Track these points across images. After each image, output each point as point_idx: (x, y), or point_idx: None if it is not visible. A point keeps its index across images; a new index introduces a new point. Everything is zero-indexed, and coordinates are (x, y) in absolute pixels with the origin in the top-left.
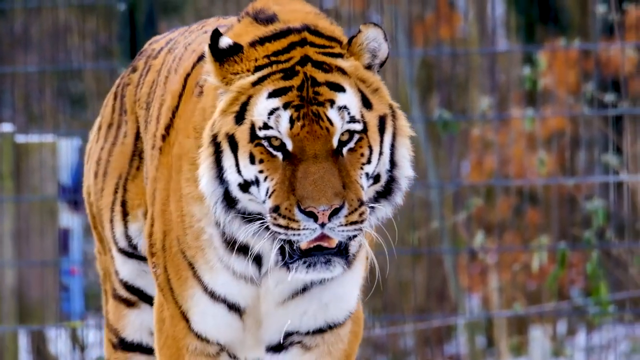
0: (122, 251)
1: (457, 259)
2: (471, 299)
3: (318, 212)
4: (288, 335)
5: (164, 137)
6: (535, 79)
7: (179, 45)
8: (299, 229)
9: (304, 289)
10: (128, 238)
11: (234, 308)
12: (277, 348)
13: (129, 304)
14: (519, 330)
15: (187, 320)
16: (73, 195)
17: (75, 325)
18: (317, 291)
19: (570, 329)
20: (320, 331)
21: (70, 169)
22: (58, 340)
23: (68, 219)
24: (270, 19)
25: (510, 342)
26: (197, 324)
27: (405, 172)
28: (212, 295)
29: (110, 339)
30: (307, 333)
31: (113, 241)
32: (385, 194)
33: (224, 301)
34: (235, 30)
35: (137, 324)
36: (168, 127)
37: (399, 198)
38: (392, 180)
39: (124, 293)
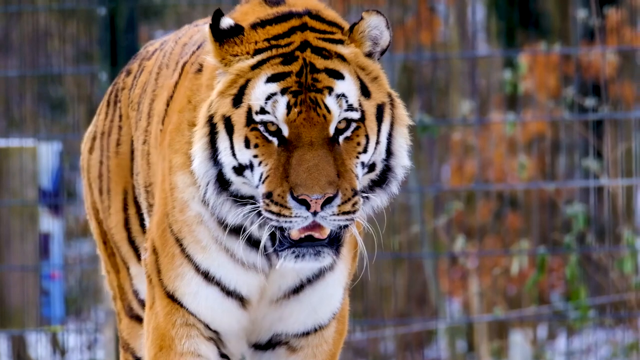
0: None
1: (438, 263)
2: (452, 304)
3: (311, 200)
4: (275, 334)
5: (160, 131)
6: (515, 83)
7: (169, 42)
8: (290, 216)
9: (298, 290)
10: None
11: (233, 295)
12: (263, 346)
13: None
14: (499, 334)
15: (176, 300)
16: (53, 200)
17: (55, 330)
18: (308, 293)
19: (550, 333)
20: (306, 334)
21: (51, 174)
22: (38, 345)
23: (48, 223)
24: (278, 2)
25: (491, 346)
26: (190, 305)
27: (402, 162)
28: (206, 277)
29: (127, 358)
30: (295, 335)
31: (136, 260)
32: (380, 183)
33: (218, 284)
34: (243, 9)
35: None
36: (163, 119)
37: (394, 187)
38: (387, 169)
39: (141, 313)
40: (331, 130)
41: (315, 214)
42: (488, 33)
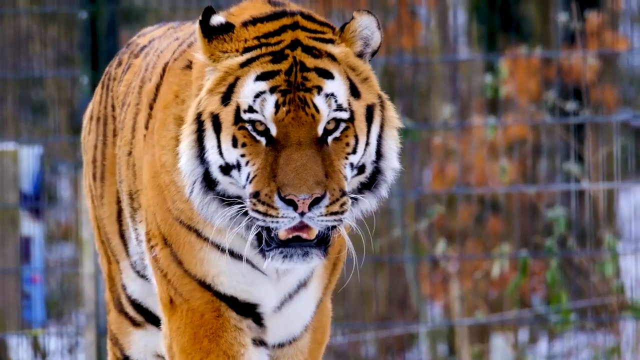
0: (133, 266)
1: (419, 267)
2: (433, 307)
3: (298, 201)
4: None
5: (144, 137)
6: (496, 87)
7: (152, 50)
8: (277, 217)
9: (282, 304)
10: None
11: (256, 267)
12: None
13: (135, 323)
14: (480, 338)
15: (209, 286)
16: (34, 203)
17: (36, 333)
18: (286, 307)
19: (531, 337)
20: (281, 345)
21: (32, 177)
22: (19, 348)
23: (29, 227)
24: (280, 3)
25: (472, 350)
26: (224, 286)
27: (392, 164)
28: (232, 253)
29: (115, 353)
30: (272, 346)
31: (125, 254)
32: (369, 185)
33: (240, 257)
34: (243, 4)
35: (142, 345)
36: (147, 122)
37: (384, 190)
38: (377, 172)
39: (130, 311)
40: (320, 130)
41: (302, 214)
42: (469, 37)
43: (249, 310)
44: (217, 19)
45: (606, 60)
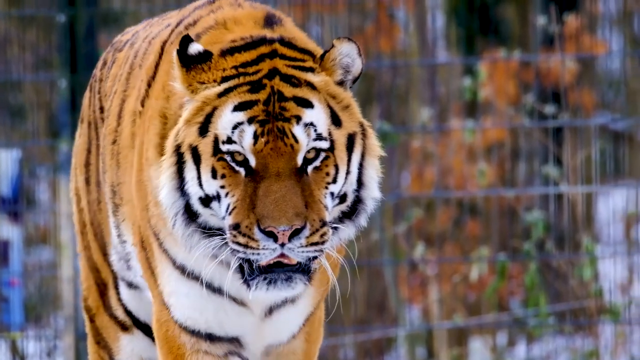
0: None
1: (397, 270)
2: (411, 311)
3: (278, 232)
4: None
5: (140, 113)
6: (475, 90)
7: (139, 39)
8: (258, 248)
9: (271, 311)
10: None
11: (219, 291)
12: None
13: (124, 327)
14: (459, 341)
15: (167, 306)
16: (13, 207)
17: (15, 337)
18: (274, 318)
19: (510, 340)
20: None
21: (10, 180)
22: None
23: (8, 230)
24: (273, 24)
25: (451, 353)
26: (176, 309)
27: (372, 193)
28: (183, 271)
29: (102, 356)
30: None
31: None
32: (350, 214)
33: (198, 279)
34: (237, 14)
35: (129, 350)
36: (143, 100)
37: (363, 220)
38: (358, 201)
39: (120, 314)
40: (299, 160)
41: (283, 245)
42: (448, 40)
43: (208, 337)
44: (195, 48)
45: (585, 63)
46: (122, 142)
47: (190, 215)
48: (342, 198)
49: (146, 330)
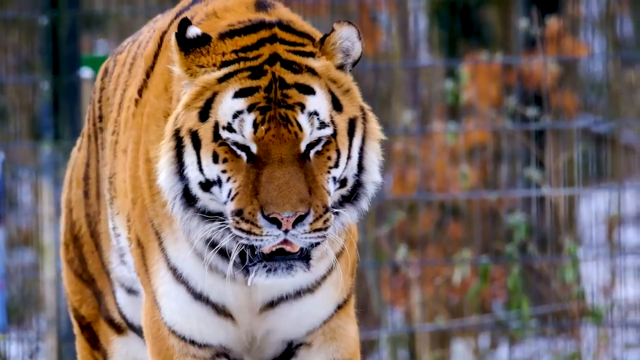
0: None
1: (380, 272)
2: (393, 313)
3: (282, 219)
4: (282, 342)
5: (136, 102)
6: (457, 92)
7: (142, 33)
8: (261, 235)
9: (275, 304)
10: None
11: (201, 298)
12: (284, 356)
13: (118, 330)
14: (441, 344)
15: (159, 306)
16: None
17: None
18: (286, 308)
19: (492, 342)
20: (310, 332)
21: None
22: None
23: None
24: (266, 7)
25: (433, 355)
26: (165, 311)
27: (373, 177)
28: (175, 273)
29: (97, 357)
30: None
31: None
32: (350, 198)
33: (186, 284)
34: (229, 3)
35: (123, 353)
36: (141, 90)
37: (364, 204)
38: (358, 185)
39: (116, 316)
40: (302, 147)
41: (286, 232)
42: (430, 43)
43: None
44: (193, 31)
45: (567, 66)
46: (120, 132)
47: (188, 199)
48: (343, 182)
49: (140, 332)
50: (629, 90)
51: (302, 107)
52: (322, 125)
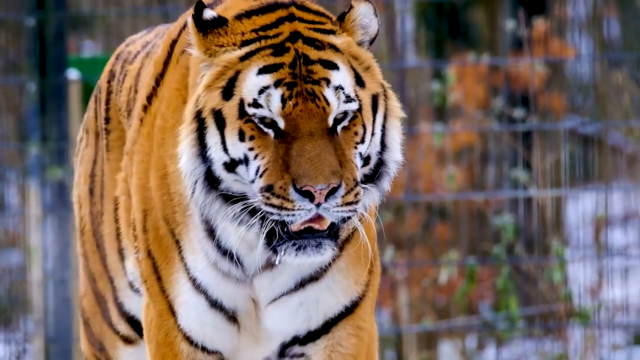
0: (132, 285)
1: None
2: (380, 314)
3: (315, 192)
4: (285, 346)
5: (145, 108)
6: (444, 94)
7: (150, 44)
8: (293, 209)
9: (277, 297)
10: None
11: (216, 305)
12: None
13: (128, 341)
14: (428, 345)
15: (174, 313)
16: None
17: None
18: (287, 300)
19: (479, 344)
20: (306, 339)
21: None
22: None
23: None
24: None
25: (420, 357)
26: (182, 319)
27: (395, 156)
28: (194, 283)
29: (99, 358)
30: (303, 341)
31: (122, 272)
32: (372, 177)
33: (205, 293)
34: (226, 4)
35: None
36: (150, 96)
37: (386, 183)
38: (380, 164)
39: (123, 328)
40: (330, 121)
41: (318, 205)
42: (417, 44)
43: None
44: (209, 13)
45: (554, 67)
46: (128, 137)
47: (211, 181)
48: (366, 160)
49: None
50: (616, 91)
51: (328, 81)
52: (348, 99)
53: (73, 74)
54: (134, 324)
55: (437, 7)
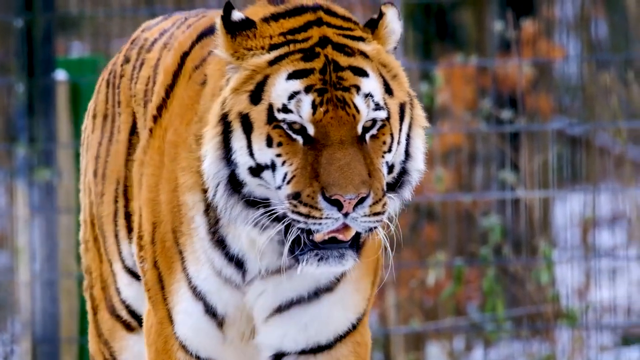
0: (128, 270)
1: None
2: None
3: (344, 201)
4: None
5: (155, 118)
6: (432, 95)
7: (167, 34)
8: (320, 218)
9: (285, 308)
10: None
11: (210, 311)
12: None
13: (129, 328)
14: (416, 346)
15: (172, 321)
16: None
17: None
18: (298, 311)
19: (467, 345)
20: (306, 352)
21: None
22: None
23: None
24: (283, 0)
25: (408, 358)
26: (179, 327)
27: (418, 165)
28: (194, 291)
29: (104, 352)
30: (299, 354)
31: (118, 257)
32: (394, 186)
33: (203, 300)
34: (249, 10)
35: (136, 351)
36: (160, 108)
37: (407, 193)
38: (403, 172)
39: (124, 314)
40: (359, 129)
41: (346, 215)
42: (405, 45)
43: None
44: (237, 15)
45: (541, 68)
46: (140, 143)
47: (234, 185)
48: (390, 169)
49: None
50: (603, 92)
51: (358, 89)
52: (378, 107)
53: (61, 74)
54: (132, 313)
55: (425, 9)
